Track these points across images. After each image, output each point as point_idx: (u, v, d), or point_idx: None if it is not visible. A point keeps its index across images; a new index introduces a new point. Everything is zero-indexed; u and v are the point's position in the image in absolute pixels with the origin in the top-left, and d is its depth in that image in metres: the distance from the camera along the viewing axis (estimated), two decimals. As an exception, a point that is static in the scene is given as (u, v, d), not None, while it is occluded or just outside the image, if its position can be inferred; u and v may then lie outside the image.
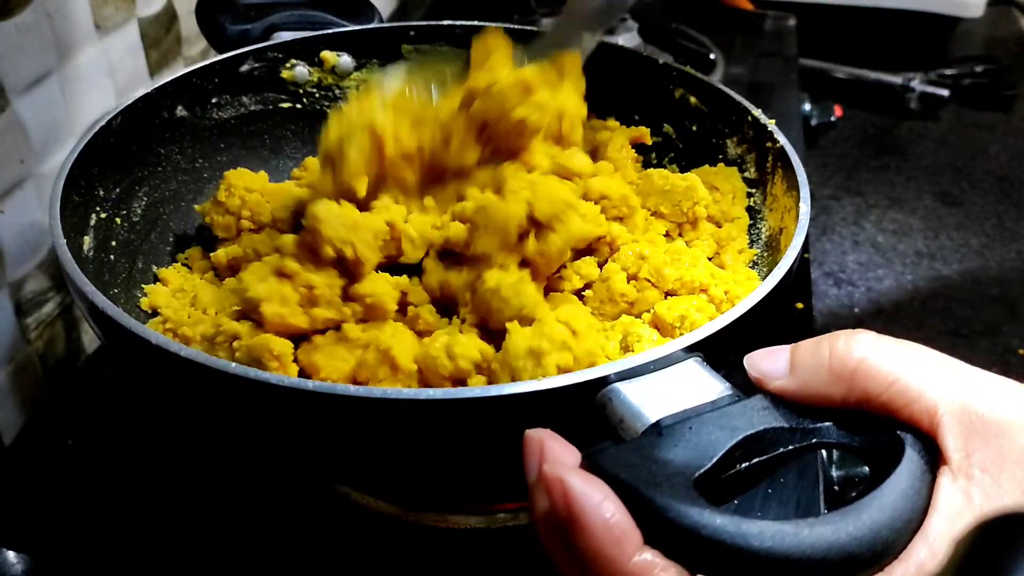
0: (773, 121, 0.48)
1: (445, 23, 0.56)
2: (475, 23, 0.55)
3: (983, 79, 1.21)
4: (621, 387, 0.30)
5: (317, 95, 0.57)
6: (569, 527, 0.24)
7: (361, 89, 0.51)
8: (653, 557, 0.24)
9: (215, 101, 0.53)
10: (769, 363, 0.29)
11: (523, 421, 0.28)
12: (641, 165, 0.55)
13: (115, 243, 0.45)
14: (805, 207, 0.41)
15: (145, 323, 0.41)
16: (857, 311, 0.87)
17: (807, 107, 1.00)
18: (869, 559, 0.23)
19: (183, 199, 0.51)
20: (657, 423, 0.28)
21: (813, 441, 0.28)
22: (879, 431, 0.26)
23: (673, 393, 0.29)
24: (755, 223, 0.49)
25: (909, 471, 0.25)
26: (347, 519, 0.46)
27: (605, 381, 0.30)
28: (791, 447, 0.28)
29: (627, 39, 0.85)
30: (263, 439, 0.37)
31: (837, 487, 0.49)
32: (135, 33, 0.61)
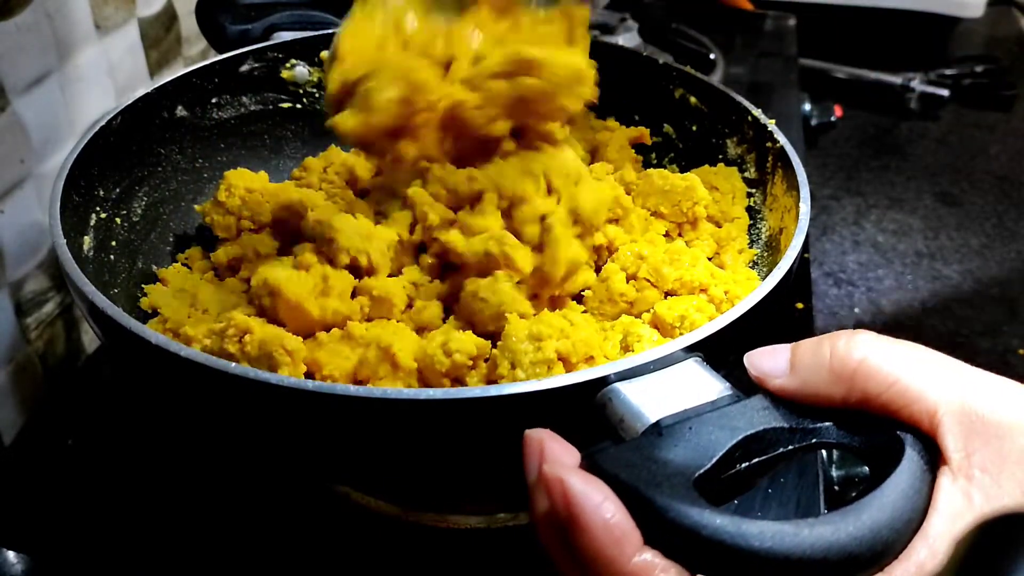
0: (773, 121, 0.48)
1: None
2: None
3: (983, 79, 1.21)
4: (621, 387, 0.30)
5: (317, 95, 0.56)
6: (569, 527, 0.24)
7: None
8: (653, 557, 0.24)
9: (215, 101, 0.53)
10: (769, 362, 0.29)
11: (523, 421, 0.28)
12: (641, 165, 0.55)
13: (115, 243, 0.45)
14: (805, 207, 0.41)
15: (145, 323, 0.41)
16: (857, 311, 0.87)
17: (807, 107, 1.00)
18: (869, 559, 0.24)
19: (183, 199, 0.51)
20: (657, 423, 0.28)
21: (813, 441, 0.28)
22: (879, 431, 0.26)
23: (673, 393, 0.29)
24: (755, 223, 0.49)
25: (909, 471, 0.25)
26: (347, 519, 0.46)
27: (605, 381, 0.30)
28: (791, 447, 0.28)
29: (627, 39, 0.85)
30: (263, 439, 0.38)
31: (837, 487, 0.49)
32: (135, 33, 0.61)
